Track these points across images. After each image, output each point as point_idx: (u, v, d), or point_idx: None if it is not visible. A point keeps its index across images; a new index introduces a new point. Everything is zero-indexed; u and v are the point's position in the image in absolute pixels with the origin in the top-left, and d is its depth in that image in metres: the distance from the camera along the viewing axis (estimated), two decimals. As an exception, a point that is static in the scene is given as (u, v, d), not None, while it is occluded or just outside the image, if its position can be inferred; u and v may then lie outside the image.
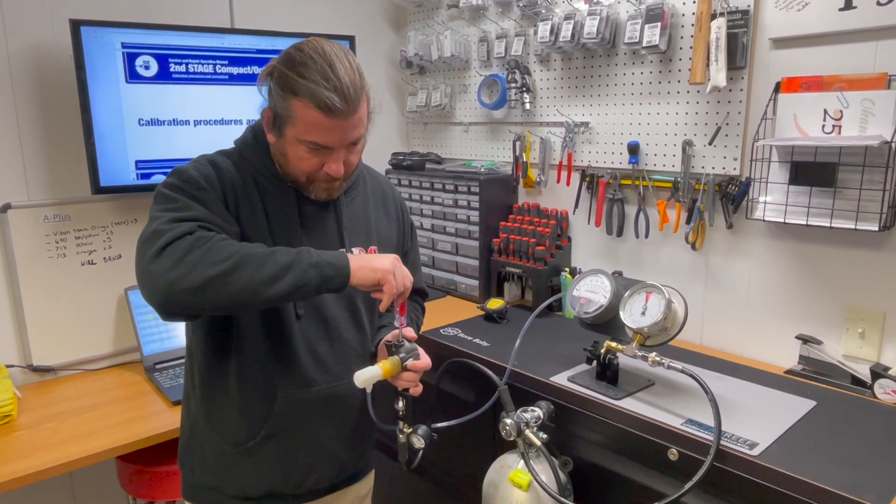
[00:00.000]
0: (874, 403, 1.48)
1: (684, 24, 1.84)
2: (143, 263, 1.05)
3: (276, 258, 1.07)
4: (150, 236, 1.07)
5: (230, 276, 1.03)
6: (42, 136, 1.93)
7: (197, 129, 2.07)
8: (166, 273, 1.02)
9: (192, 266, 1.03)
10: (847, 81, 1.52)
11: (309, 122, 1.12)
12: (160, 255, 1.04)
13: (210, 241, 1.06)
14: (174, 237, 1.05)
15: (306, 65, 1.11)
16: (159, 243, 1.04)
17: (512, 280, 2.31)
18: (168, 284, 1.02)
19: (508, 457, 1.45)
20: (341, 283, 1.12)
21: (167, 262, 1.03)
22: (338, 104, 1.10)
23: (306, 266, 1.08)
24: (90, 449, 1.56)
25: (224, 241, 1.08)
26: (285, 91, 1.13)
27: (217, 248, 1.05)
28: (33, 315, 1.94)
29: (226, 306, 1.07)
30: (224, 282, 1.03)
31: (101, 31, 1.86)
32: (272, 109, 1.17)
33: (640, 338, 1.43)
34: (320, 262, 1.10)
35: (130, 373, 2.04)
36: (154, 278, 1.03)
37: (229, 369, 1.25)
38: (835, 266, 1.66)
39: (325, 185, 1.23)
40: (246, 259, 1.05)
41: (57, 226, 1.97)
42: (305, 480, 1.32)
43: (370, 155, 2.54)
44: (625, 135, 2.05)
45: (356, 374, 1.16)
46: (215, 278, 1.03)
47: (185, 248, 1.04)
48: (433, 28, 2.58)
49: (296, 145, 1.16)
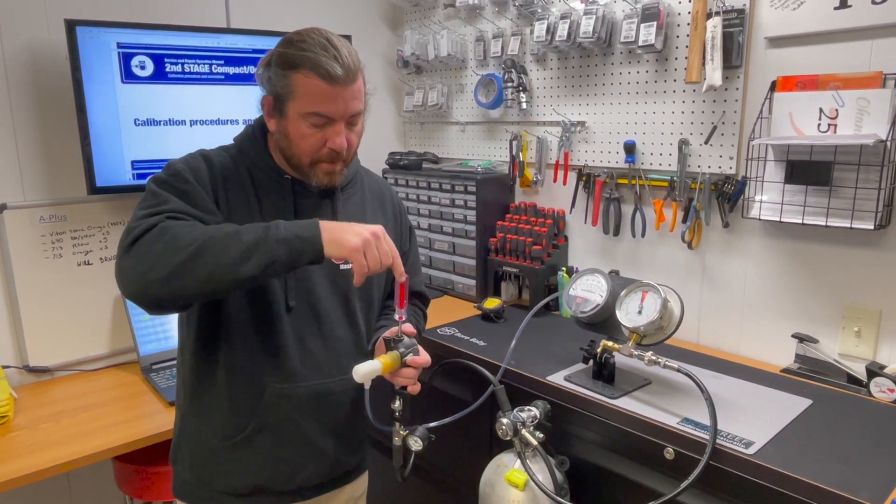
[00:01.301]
0: (870, 402, 1.48)
1: (680, 24, 1.84)
2: (117, 260, 1.09)
3: (240, 238, 1.06)
4: (124, 234, 1.09)
5: (195, 261, 1.03)
6: (38, 137, 1.93)
7: (193, 129, 2.07)
8: (135, 267, 1.05)
9: (158, 257, 1.04)
10: (842, 80, 1.53)
11: (311, 92, 1.16)
12: (129, 251, 1.06)
13: (174, 229, 1.06)
14: (142, 231, 1.07)
15: (304, 41, 1.17)
16: (128, 240, 1.07)
17: (509, 279, 2.31)
18: (137, 278, 1.05)
19: (505, 456, 1.45)
20: (314, 256, 1.09)
21: (135, 256, 1.05)
22: (339, 71, 1.15)
23: (273, 243, 1.06)
24: (87, 449, 1.56)
25: (189, 227, 1.08)
26: (285, 68, 1.17)
27: (181, 236, 1.05)
28: (29, 316, 1.94)
29: (200, 293, 1.06)
30: (191, 268, 1.03)
31: (97, 31, 1.86)
32: (271, 93, 1.20)
33: (636, 337, 1.43)
34: (288, 236, 1.07)
35: (127, 373, 2.03)
36: (125, 274, 1.06)
37: (218, 361, 1.25)
38: (831, 265, 1.66)
39: (328, 168, 1.24)
40: (209, 242, 1.05)
41: (53, 226, 1.96)
42: (294, 477, 1.31)
43: (367, 154, 2.54)
44: (621, 134, 2.05)
45: (355, 367, 1.15)
46: (181, 265, 1.03)
47: (151, 241, 1.06)
48: (430, 27, 2.58)
49: (298, 122, 1.19)
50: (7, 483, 1.43)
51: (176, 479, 1.37)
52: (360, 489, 1.51)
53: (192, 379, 1.29)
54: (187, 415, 1.32)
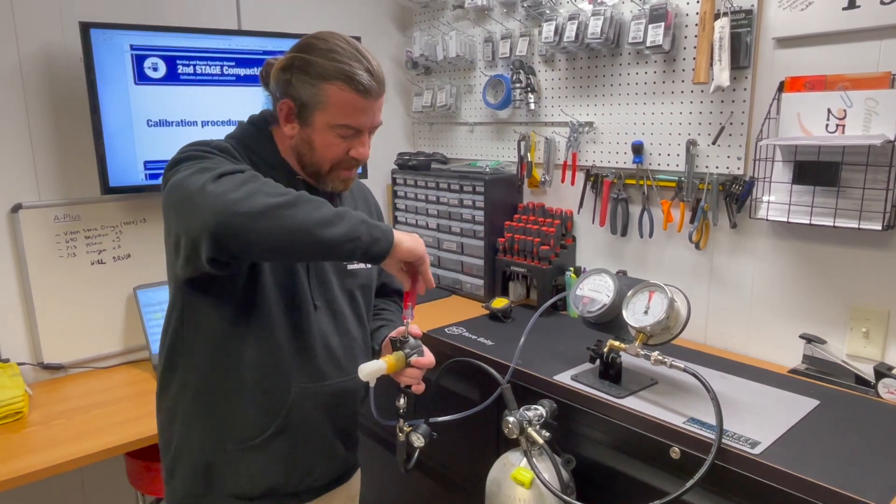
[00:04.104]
0: (878, 403, 1.48)
1: (688, 24, 1.84)
2: (198, 186, 1.00)
3: (328, 206, 1.05)
4: (198, 171, 1.03)
5: (289, 209, 1.00)
6: (52, 137, 1.96)
7: (205, 129, 2.09)
8: (225, 193, 0.99)
9: (252, 193, 1.00)
10: (850, 81, 1.52)
11: (343, 105, 1.15)
12: (218, 180, 1.01)
13: (263, 179, 1.04)
14: (228, 170, 1.03)
15: (334, 50, 1.15)
16: (214, 172, 1.02)
17: (517, 279, 2.32)
18: (227, 204, 0.98)
19: (511, 455, 1.46)
20: (385, 248, 1.09)
21: (227, 184, 1.00)
22: (373, 84, 1.16)
23: (357, 221, 1.06)
24: (99, 445, 1.58)
25: (277, 183, 1.06)
26: (314, 77, 1.15)
27: (273, 185, 1.04)
28: (44, 314, 1.97)
29: (276, 244, 1.01)
30: (283, 214, 0.99)
31: (111, 33, 1.89)
32: (295, 100, 1.17)
33: (642, 337, 1.44)
34: (368, 221, 1.08)
35: (139, 370, 2.06)
36: (213, 198, 0.99)
37: (243, 363, 1.21)
38: (838, 265, 1.66)
39: (346, 175, 1.25)
40: (303, 198, 1.03)
41: (67, 226, 1.99)
42: (306, 477, 1.32)
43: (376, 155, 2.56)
44: (629, 134, 2.05)
45: (361, 367, 1.17)
46: (275, 207, 0.99)
47: (242, 179, 1.02)
48: (438, 29, 2.60)
49: (325, 132, 1.18)
50: (22, 478, 1.46)
51: (172, 493, 1.29)
52: (354, 488, 1.51)
53: (205, 385, 1.23)
54: (188, 419, 1.25)
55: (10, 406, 1.68)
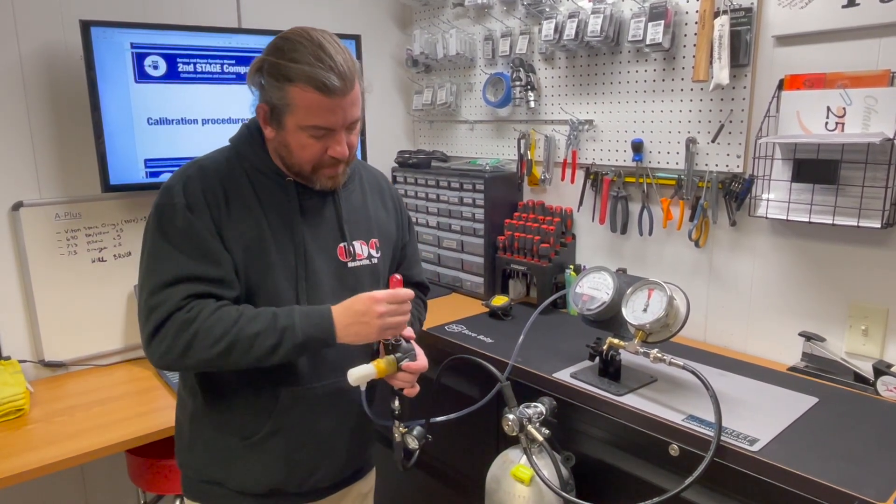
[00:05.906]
0: (876, 400, 1.48)
1: (688, 22, 1.84)
2: (142, 338, 1.17)
3: (261, 342, 1.14)
4: (143, 309, 1.16)
5: (221, 359, 1.14)
6: (53, 136, 1.96)
7: (205, 127, 2.09)
8: (163, 356, 1.14)
9: (185, 350, 1.13)
10: (850, 79, 1.53)
11: (309, 106, 1.14)
12: (153, 338, 1.14)
13: (196, 321, 1.13)
14: (163, 317, 1.13)
15: (296, 50, 1.13)
16: (150, 324, 1.14)
17: (517, 277, 2.32)
18: (166, 365, 1.16)
19: (511, 452, 1.47)
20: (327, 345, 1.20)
21: (161, 346, 1.13)
22: (336, 82, 1.13)
23: (289, 347, 1.15)
24: (100, 442, 1.59)
25: (212, 319, 1.13)
26: (280, 80, 1.14)
27: (205, 332, 1.12)
28: (45, 311, 1.98)
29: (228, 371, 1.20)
30: (216, 364, 1.15)
31: (111, 31, 1.89)
32: (267, 103, 1.18)
33: (641, 334, 1.44)
34: (307, 341, 1.16)
35: (140, 368, 2.07)
36: (153, 358, 1.16)
37: None
38: (838, 263, 1.66)
39: (330, 172, 1.24)
40: (233, 345, 1.13)
41: (68, 223, 2.00)
42: (308, 479, 1.32)
43: (376, 153, 2.57)
44: (629, 132, 2.05)
45: (349, 371, 1.18)
46: (207, 361, 1.14)
47: (174, 333, 1.13)
48: (438, 27, 2.60)
49: (297, 133, 1.18)
50: (23, 475, 1.46)
51: (187, 480, 1.36)
52: (367, 486, 1.52)
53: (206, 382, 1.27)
54: (198, 415, 1.30)
55: (12, 403, 1.69)
